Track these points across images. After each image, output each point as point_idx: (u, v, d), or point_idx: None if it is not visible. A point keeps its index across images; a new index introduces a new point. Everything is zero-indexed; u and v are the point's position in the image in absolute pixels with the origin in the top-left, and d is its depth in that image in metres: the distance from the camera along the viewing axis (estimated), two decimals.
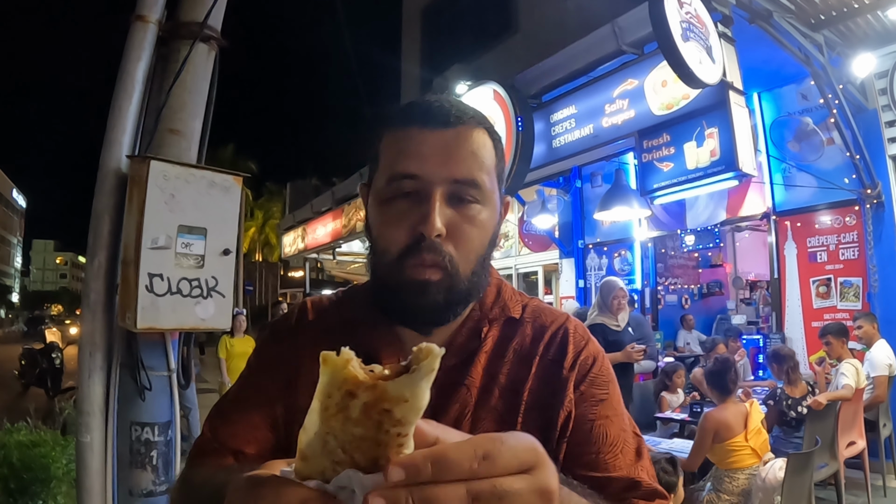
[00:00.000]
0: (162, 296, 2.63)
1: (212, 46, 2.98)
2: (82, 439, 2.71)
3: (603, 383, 1.13)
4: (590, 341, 1.16)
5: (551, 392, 1.09)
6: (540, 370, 1.11)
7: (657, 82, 6.40)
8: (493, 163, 1.08)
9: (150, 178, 2.56)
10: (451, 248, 1.01)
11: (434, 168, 1.01)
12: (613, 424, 1.10)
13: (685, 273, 11.64)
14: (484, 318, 1.14)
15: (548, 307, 1.23)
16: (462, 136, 1.04)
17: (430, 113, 1.05)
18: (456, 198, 1.02)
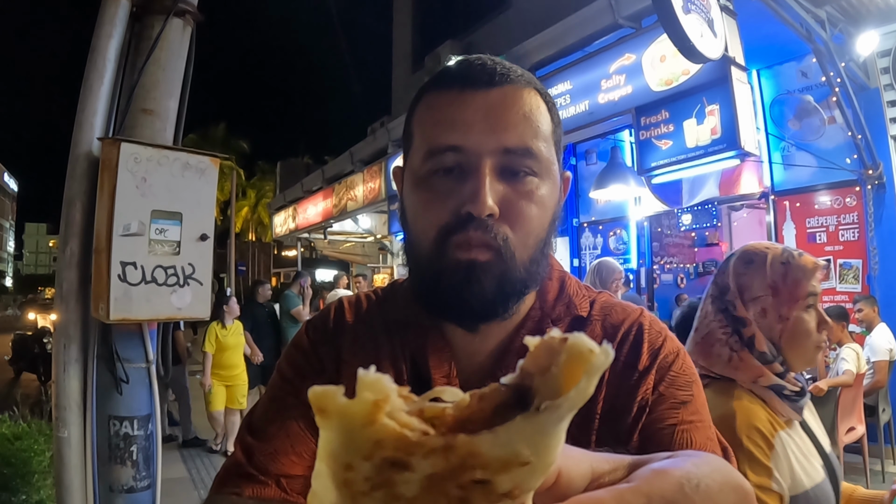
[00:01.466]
0: (136, 285, 2.51)
1: (187, 21, 2.84)
2: (60, 434, 2.64)
3: (685, 383, 0.95)
4: (667, 337, 0.99)
5: (626, 398, 0.92)
6: (613, 376, 0.93)
7: (656, 57, 6.28)
8: (549, 129, 0.90)
9: (120, 161, 2.43)
10: (505, 229, 0.85)
11: (480, 136, 0.84)
12: (699, 431, 0.90)
13: (681, 252, 11.57)
14: (546, 317, 0.97)
15: (619, 303, 1.05)
16: (511, 97, 0.86)
17: (470, 72, 0.88)
18: (509, 170, 0.86)
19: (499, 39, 9.87)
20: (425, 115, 0.91)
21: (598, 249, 10.46)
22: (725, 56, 5.38)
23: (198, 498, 6.07)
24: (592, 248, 10.60)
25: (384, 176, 12.23)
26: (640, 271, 10.11)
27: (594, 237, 10.63)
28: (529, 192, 0.86)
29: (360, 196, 13.34)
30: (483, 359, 0.95)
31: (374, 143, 13.42)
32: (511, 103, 0.86)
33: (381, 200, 12.36)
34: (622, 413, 0.90)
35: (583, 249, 10.81)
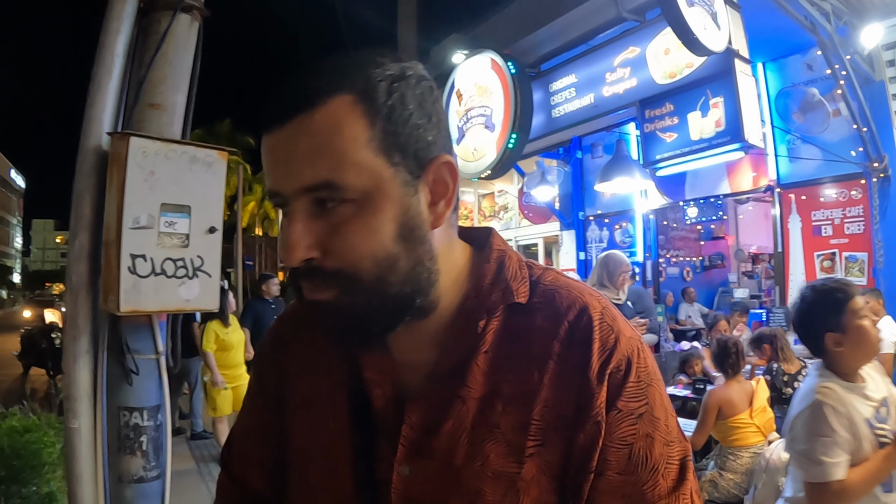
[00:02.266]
0: (145, 277, 2.54)
1: (195, 17, 2.86)
2: (70, 425, 2.65)
3: (641, 392, 0.88)
4: (620, 334, 0.90)
5: (576, 409, 0.86)
6: (558, 378, 0.87)
7: (660, 50, 6.31)
8: (363, 139, 0.80)
9: (129, 154, 2.46)
10: (335, 264, 0.81)
11: (283, 180, 0.81)
12: (656, 442, 0.88)
13: (687, 245, 11.57)
14: (481, 306, 0.91)
15: (565, 282, 0.96)
16: (301, 131, 0.80)
17: (269, 109, 0.83)
18: (320, 205, 0.81)
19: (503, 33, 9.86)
20: None
21: (603, 242, 10.47)
22: (729, 49, 5.40)
23: (206, 490, 6.12)
24: (598, 242, 10.61)
25: None
26: (645, 264, 10.11)
27: (600, 230, 10.64)
28: (342, 223, 0.81)
29: None
30: (417, 353, 0.92)
31: None
32: (302, 137, 0.80)
33: None
34: (569, 422, 0.87)
35: (589, 243, 10.82)
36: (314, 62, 0.84)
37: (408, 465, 0.87)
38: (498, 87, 8.06)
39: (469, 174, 8.82)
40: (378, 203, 0.81)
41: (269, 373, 1.07)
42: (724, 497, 4.07)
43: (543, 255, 12.53)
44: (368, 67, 0.83)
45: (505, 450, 0.85)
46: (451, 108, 9.15)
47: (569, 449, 0.86)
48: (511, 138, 7.42)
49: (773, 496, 3.81)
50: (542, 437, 0.86)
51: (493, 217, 13.56)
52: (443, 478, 0.86)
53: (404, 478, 0.87)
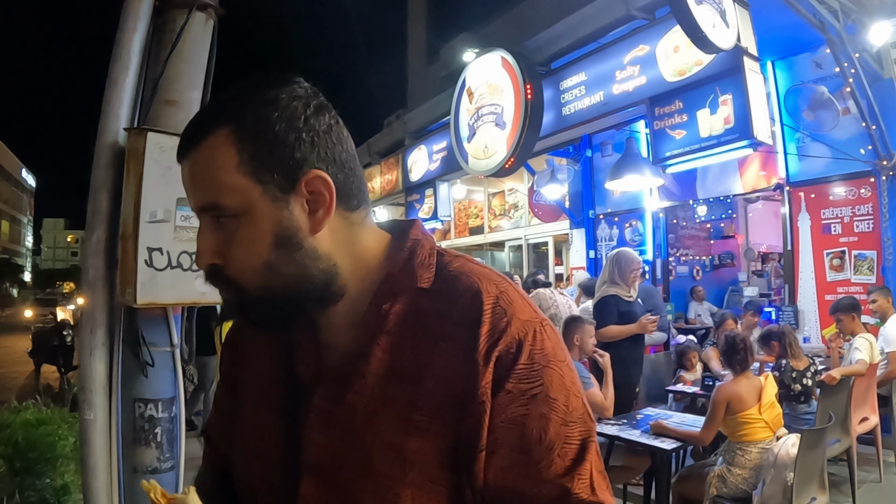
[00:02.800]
0: (161, 270, 2.58)
1: (209, 15, 2.91)
2: (86, 417, 2.68)
3: (534, 374, 0.93)
4: (513, 318, 0.95)
5: (462, 389, 0.92)
6: (448, 357, 0.93)
7: (669, 48, 6.31)
8: (233, 165, 0.93)
9: (146, 150, 2.50)
10: (227, 270, 0.96)
11: (190, 201, 0.97)
12: (551, 422, 0.92)
13: (696, 244, 11.56)
14: (388, 291, 1.00)
15: (470, 269, 1.03)
16: (193, 164, 0.95)
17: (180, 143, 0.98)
18: (215, 221, 0.96)
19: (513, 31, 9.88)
20: None
21: (613, 241, 10.47)
22: (738, 46, 5.40)
23: None
24: (608, 240, 10.62)
25: (401, 168, 12.30)
26: (655, 263, 10.11)
27: (610, 228, 10.65)
28: (229, 237, 0.95)
29: (377, 188, 13.43)
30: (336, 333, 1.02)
31: (391, 135, 13.50)
32: (192, 170, 0.95)
33: (399, 192, 12.45)
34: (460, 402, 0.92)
35: (598, 241, 10.83)
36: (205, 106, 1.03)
37: (318, 433, 0.97)
38: (508, 86, 8.08)
39: (480, 172, 8.84)
40: (251, 218, 0.94)
41: (229, 357, 1.22)
42: (732, 492, 4.08)
43: (553, 253, 12.54)
44: (244, 98, 0.95)
45: (396, 422, 0.93)
46: (462, 106, 9.17)
47: (457, 426, 0.91)
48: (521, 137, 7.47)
49: (782, 491, 3.83)
50: (432, 413, 0.92)
51: (504, 216, 13.58)
52: (342, 445, 0.95)
53: (313, 443, 0.97)
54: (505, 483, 0.91)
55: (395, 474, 0.92)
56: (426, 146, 11.48)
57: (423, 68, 15.07)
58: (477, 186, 13.70)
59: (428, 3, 15.37)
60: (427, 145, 11.46)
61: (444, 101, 10.04)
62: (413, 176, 11.89)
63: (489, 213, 14.03)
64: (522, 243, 12.92)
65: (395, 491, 0.92)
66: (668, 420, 4.65)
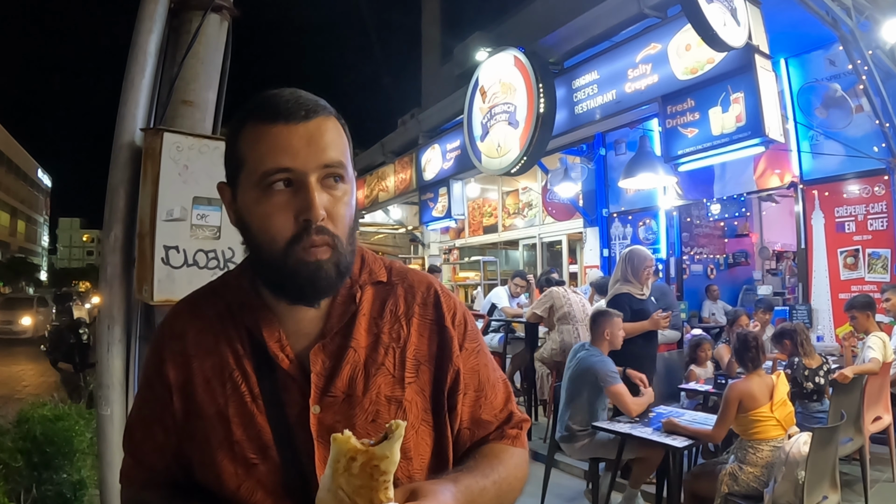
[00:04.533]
0: (178, 268, 2.62)
1: (224, 16, 2.95)
2: (102, 412, 2.72)
3: (475, 336, 1.32)
4: (454, 300, 1.33)
5: (438, 350, 1.25)
6: (422, 328, 1.26)
7: (681, 46, 6.31)
8: (346, 146, 1.17)
9: (163, 149, 2.54)
10: (332, 227, 1.11)
11: (305, 158, 1.09)
12: (489, 368, 1.33)
13: (711, 242, 11.51)
14: (355, 284, 1.23)
15: (410, 269, 1.36)
16: (323, 126, 1.12)
17: (290, 108, 1.11)
18: (327, 182, 1.11)
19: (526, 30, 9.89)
20: (255, 144, 1.11)
21: (627, 239, 10.45)
22: (749, 44, 5.40)
23: None
24: (622, 238, 10.59)
25: (415, 166, 12.33)
26: (669, 261, 10.08)
27: (623, 227, 10.63)
28: (342, 195, 1.14)
29: (391, 187, 13.47)
30: (307, 323, 1.20)
31: (405, 134, 13.52)
32: (324, 130, 1.12)
33: (413, 191, 12.47)
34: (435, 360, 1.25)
35: (612, 239, 10.80)
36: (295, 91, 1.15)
37: (318, 405, 1.15)
38: (521, 84, 8.09)
39: (493, 170, 8.85)
40: (352, 189, 1.17)
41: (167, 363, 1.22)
42: (743, 490, 4.08)
43: (567, 252, 12.52)
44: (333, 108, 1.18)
45: (391, 380, 1.20)
46: (475, 105, 9.19)
47: (438, 378, 1.24)
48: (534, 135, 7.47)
49: (793, 489, 3.83)
50: (416, 370, 1.23)
51: (518, 214, 13.57)
52: (348, 408, 1.16)
53: (318, 415, 1.14)
54: (473, 414, 1.29)
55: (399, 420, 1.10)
56: (440, 145, 11.50)
57: (437, 68, 15.08)
58: (491, 185, 13.69)
59: (442, 2, 15.39)
60: (441, 144, 11.47)
61: (458, 100, 10.04)
62: (427, 175, 11.91)
63: (503, 212, 14.02)
64: (536, 242, 12.90)
65: None
66: (681, 418, 4.65)
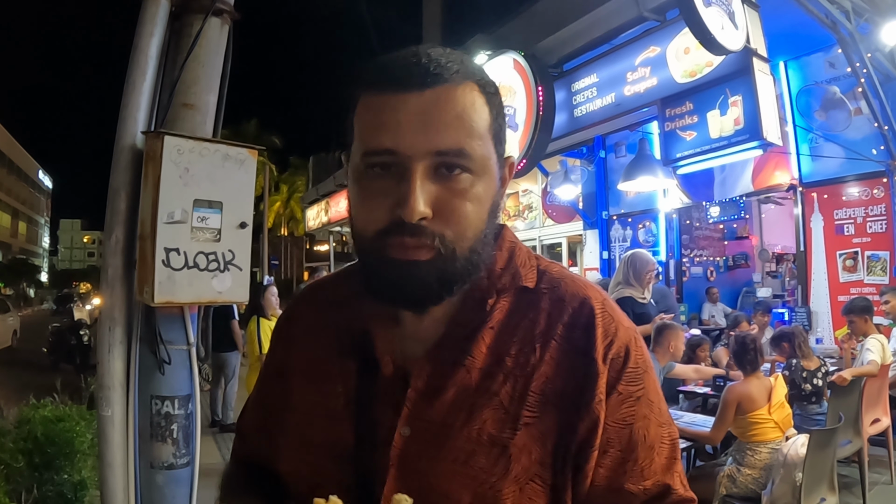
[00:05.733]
0: (179, 270, 2.63)
1: (225, 20, 2.96)
2: (103, 413, 2.72)
3: (639, 377, 0.97)
4: (620, 325, 0.99)
5: (575, 388, 0.94)
6: (560, 356, 0.95)
7: (680, 49, 6.35)
8: (486, 123, 0.92)
9: (164, 152, 2.55)
10: (441, 228, 0.88)
11: (412, 140, 0.87)
12: (651, 423, 0.98)
13: (711, 245, 11.54)
14: (491, 287, 0.99)
15: (570, 275, 1.05)
16: (444, 98, 0.88)
17: (404, 72, 0.88)
18: (442, 171, 0.88)
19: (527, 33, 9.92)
20: (363, 116, 0.92)
21: (627, 242, 10.48)
22: (747, 48, 5.43)
23: None
24: (622, 241, 10.63)
25: None
26: (668, 264, 10.11)
27: (623, 229, 10.66)
28: (463, 190, 0.89)
29: None
30: (426, 326, 0.98)
31: None
32: (444, 105, 0.88)
33: None
34: (568, 401, 0.94)
35: (612, 242, 10.84)
36: (427, 48, 0.92)
37: (409, 427, 0.94)
38: (521, 87, 8.12)
39: None
40: (488, 182, 0.93)
41: (279, 343, 1.17)
42: (742, 492, 4.10)
43: (567, 254, 12.55)
44: (479, 68, 0.95)
45: (501, 417, 0.93)
46: None
47: (567, 425, 0.93)
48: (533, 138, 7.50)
49: (791, 491, 3.85)
50: (539, 410, 0.93)
51: (518, 216, 13.60)
52: (440, 439, 0.93)
53: (405, 438, 0.94)
54: (611, 482, 0.95)
55: (498, 470, 0.91)
56: None
57: None
58: None
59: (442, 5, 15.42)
60: None
61: None
62: None
63: (503, 214, 13.96)
64: (536, 244, 12.94)
65: (496, 487, 0.91)
66: (679, 420, 4.67)
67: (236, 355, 8.56)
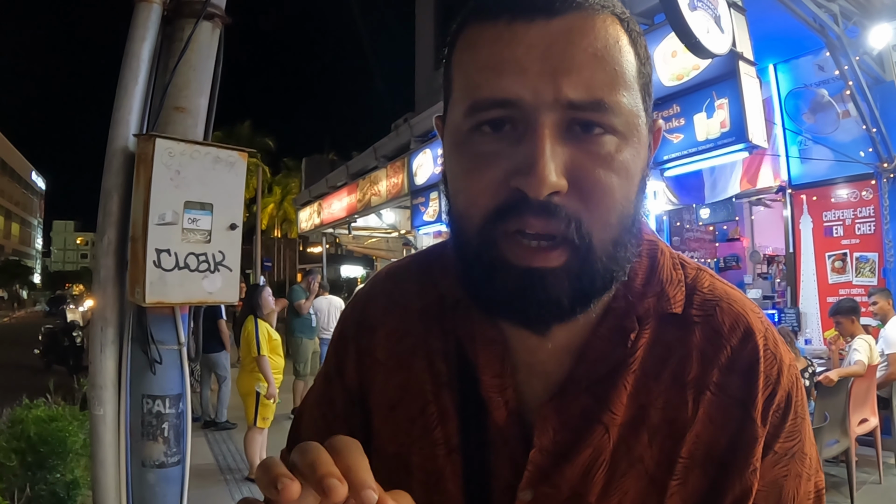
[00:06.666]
0: (170, 271, 2.67)
1: (216, 24, 2.99)
2: (95, 412, 2.75)
3: (796, 430, 0.76)
4: (782, 364, 0.76)
5: (727, 448, 0.73)
6: (713, 412, 0.73)
7: (667, 52, 6.39)
8: (633, 70, 0.68)
9: (155, 155, 2.59)
10: (576, 208, 0.64)
11: (537, 85, 0.63)
12: (803, 479, 0.76)
13: (702, 247, 11.55)
14: (630, 311, 0.75)
15: (724, 291, 0.80)
16: (579, 30, 0.64)
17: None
18: (578, 129, 0.64)
19: None
20: (466, 56, 0.69)
21: None
22: (733, 51, 5.47)
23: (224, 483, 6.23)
24: None
25: (407, 171, 12.40)
26: None
27: None
28: (607, 155, 0.65)
29: (383, 191, 13.52)
30: (547, 357, 0.76)
31: (398, 139, 13.59)
32: (578, 38, 0.64)
33: (405, 195, 12.53)
34: (718, 462, 0.74)
35: None
36: None
37: (531, 491, 0.74)
38: None
39: None
40: (637, 146, 0.69)
41: (350, 360, 0.89)
42: None
43: None
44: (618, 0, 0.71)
45: (646, 487, 0.74)
46: None
47: (713, 492, 0.73)
48: None
49: None
50: (685, 476, 0.73)
51: None
52: None
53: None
54: None
55: None
56: (431, 150, 11.56)
57: (431, 72, 15.17)
58: None
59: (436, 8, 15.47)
60: (432, 149, 11.54)
61: None
62: (418, 179, 11.97)
63: None
64: None
65: None
66: None
67: (225, 355, 8.62)
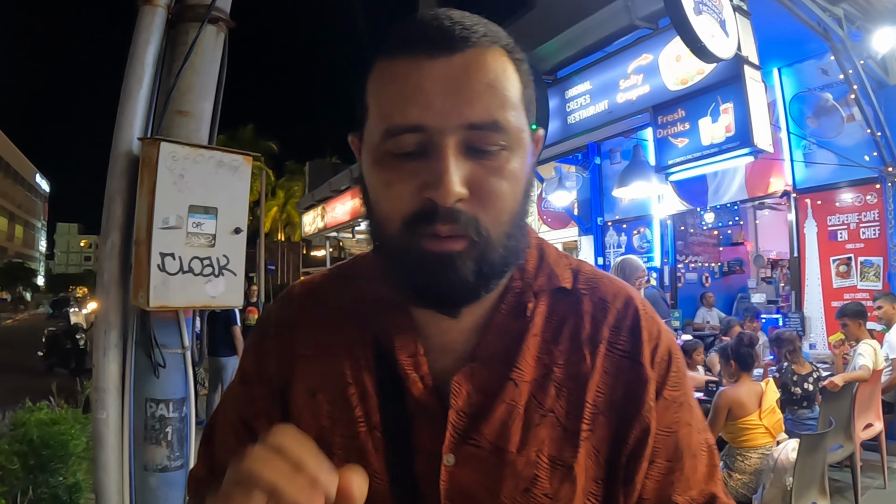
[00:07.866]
0: (174, 275, 2.67)
1: (220, 28, 3.00)
2: (98, 416, 2.75)
3: (681, 381, 0.90)
4: (660, 325, 0.92)
5: (625, 396, 0.86)
6: (608, 364, 0.86)
7: (672, 57, 6.39)
8: (518, 93, 0.80)
9: (159, 159, 2.59)
10: (476, 211, 0.76)
11: (441, 112, 0.74)
12: (693, 429, 0.90)
13: (706, 251, 11.57)
14: (528, 289, 0.89)
15: (604, 275, 0.96)
16: (474, 64, 0.76)
17: (428, 35, 0.76)
18: (475, 146, 0.76)
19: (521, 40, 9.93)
20: (381, 87, 0.79)
21: (622, 248, 10.49)
22: (738, 55, 5.46)
23: None
24: (616, 247, 10.63)
25: None
26: (663, 269, 10.13)
27: (618, 235, 10.67)
28: (499, 167, 0.77)
29: None
30: (456, 335, 0.88)
31: None
32: (474, 71, 0.76)
33: None
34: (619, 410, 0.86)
35: (607, 248, 10.84)
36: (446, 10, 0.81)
37: (453, 455, 0.83)
38: None
39: None
40: (522, 156, 0.80)
41: (270, 357, 0.97)
42: (732, 497, 4.13)
43: None
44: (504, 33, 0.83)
45: (560, 435, 0.84)
46: None
47: (619, 435, 0.85)
48: None
49: (781, 496, 3.87)
50: (592, 423, 0.84)
51: None
52: (495, 466, 0.82)
53: (451, 468, 0.83)
54: (660, 493, 0.87)
55: (564, 494, 0.83)
56: None
57: None
58: None
59: None
60: None
61: None
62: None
63: None
64: None
65: None
66: None
67: (236, 360, 8.61)
